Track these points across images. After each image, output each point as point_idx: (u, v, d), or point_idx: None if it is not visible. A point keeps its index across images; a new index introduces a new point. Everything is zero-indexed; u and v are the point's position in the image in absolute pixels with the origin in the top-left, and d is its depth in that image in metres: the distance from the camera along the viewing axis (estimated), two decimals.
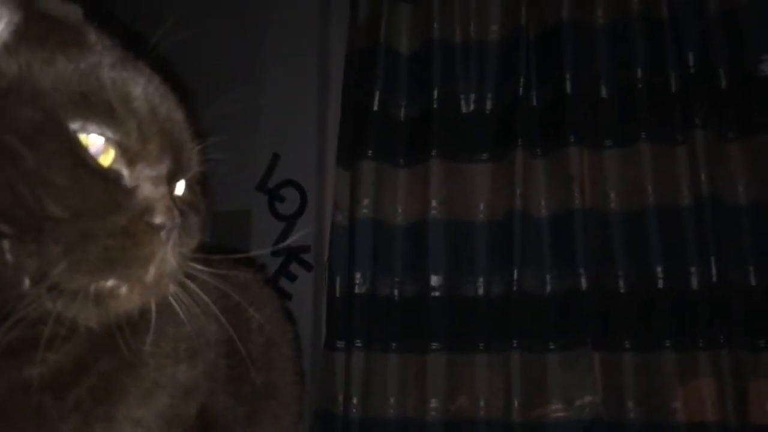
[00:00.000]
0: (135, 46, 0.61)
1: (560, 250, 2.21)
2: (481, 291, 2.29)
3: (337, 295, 2.37)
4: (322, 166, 2.58)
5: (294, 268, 2.42)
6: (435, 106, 2.39)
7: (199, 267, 0.64)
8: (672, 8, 2.20)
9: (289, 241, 2.38)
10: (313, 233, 2.46)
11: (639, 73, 2.21)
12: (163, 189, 0.57)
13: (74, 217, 0.50)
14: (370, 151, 2.41)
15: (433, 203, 2.34)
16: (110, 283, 0.53)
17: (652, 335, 2.08)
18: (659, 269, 2.11)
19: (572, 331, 2.16)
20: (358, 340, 2.30)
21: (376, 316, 2.33)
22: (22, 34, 0.52)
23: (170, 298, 0.60)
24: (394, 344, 2.30)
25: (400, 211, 2.41)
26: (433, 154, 2.36)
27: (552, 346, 2.16)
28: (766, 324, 1.98)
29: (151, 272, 0.55)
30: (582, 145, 2.23)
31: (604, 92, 2.25)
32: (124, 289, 0.54)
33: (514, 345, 2.18)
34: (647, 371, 2.07)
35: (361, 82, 2.48)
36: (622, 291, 2.13)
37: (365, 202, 2.39)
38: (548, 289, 2.20)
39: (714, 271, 2.05)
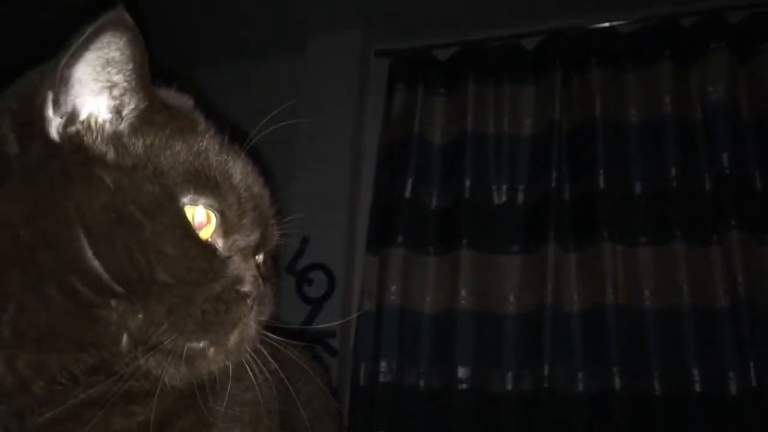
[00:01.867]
0: (232, 133, 0.68)
1: (593, 347, 2.15)
2: (509, 386, 2.23)
3: (361, 383, 2.31)
4: (352, 251, 2.58)
5: (319, 352, 2.37)
6: (466, 196, 2.41)
7: (271, 335, 0.68)
8: (705, 111, 2.24)
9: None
10: (340, 318, 2.43)
11: (672, 171, 2.23)
12: (251, 260, 0.64)
13: (179, 283, 0.56)
14: (400, 238, 2.41)
15: (462, 293, 2.32)
16: (201, 344, 0.58)
17: None
18: (696, 372, 2.04)
19: None
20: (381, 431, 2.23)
21: (400, 406, 2.26)
22: (146, 119, 0.60)
23: (245, 363, 0.64)
24: None
25: (428, 299, 2.38)
26: (464, 243, 2.36)
27: None
28: None
29: (235, 336, 0.60)
30: (615, 240, 2.21)
31: (637, 189, 2.26)
32: (211, 351, 0.59)
33: None
34: None
35: (393, 170, 2.51)
36: (657, 393, 2.06)
37: (393, 289, 2.37)
38: (580, 387, 2.14)
39: (753, 376, 1.98)
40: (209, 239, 0.61)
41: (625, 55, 2.39)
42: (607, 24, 2.45)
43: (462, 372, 2.25)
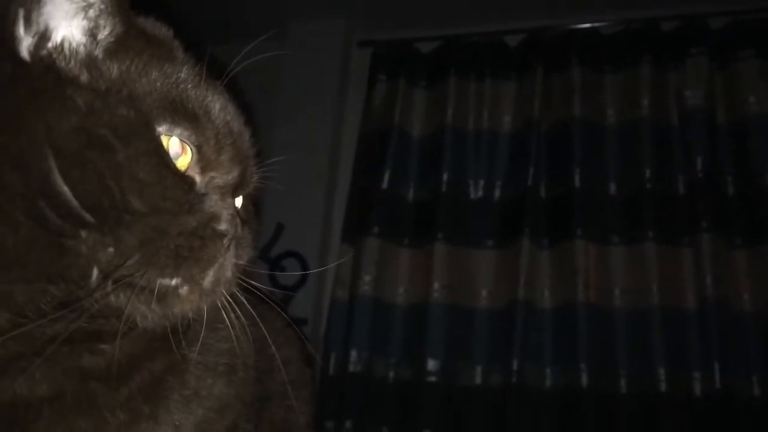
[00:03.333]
0: (212, 68, 0.65)
1: (562, 344, 2.17)
2: (478, 380, 2.23)
3: (331, 372, 2.30)
4: (327, 239, 2.56)
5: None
6: (443, 189, 2.41)
7: (250, 281, 0.66)
8: (682, 115, 2.26)
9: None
10: (312, 306, 2.42)
11: (647, 173, 2.25)
12: (229, 199, 0.61)
13: (152, 212, 0.54)
14: (376, 229, 2.41)
15: (435, 286, 2.32)
16: (173, 281, 0.56)
17: None
18: (662, 372, 2.06)
19: (572, 428, 2.08)
20: (349, 422, 2.22)
21: (369, 397, 2.25)
22: (122, 44, 0.58)
23: (221, 310, 0.62)
24: (385, 429, 2.22)
25: (401, 291, 2.38)
26: (439, 236, 2.36)
27: None
28: None
29: (210, 276, 0.58)
30: (588, 239, 2.23)
31: (612, 189, 2.28)
32: (185, 290, 0.56)
33: None
34: None
35: (372, 161, 2.51)
36: (623, 392, 2.08)
37: (366, 279, 2.37)
38: (548, 383, 2.15)
39: (718, 377, 2.01)
40: (187, 172, 0.59)
41: (606, 56, 2.40)
42: (589, 25, 2.46)
43: (432, 364, 2.26)
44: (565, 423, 2.10)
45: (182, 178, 0.57)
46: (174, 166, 0.57)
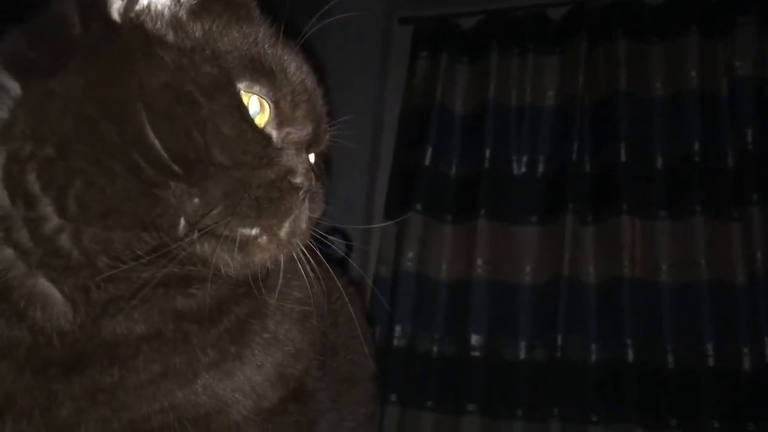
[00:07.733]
0: (287, 29, 0.68)
1: (607, 319, 2.16)
2: (522, 355, 2.24)
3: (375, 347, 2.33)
4: (370, 216, 2.58)
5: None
6: (486, 165, 2.41)
7: (323, 234, 0.70)
8: (731, 86, 2.22)
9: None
10: (356, 282, 2.44)
11: (695, 146, 2.21)
12: (303, 154, 0.64)
13: (235, 165, 0.57)
14: (419, 205, 2.42)
15: (479, 262, 2.32)
16: (253, 231, 0.59)
17: (700, 416, 2.00)
18: (710, 347, 2.05)
19: (616, 404, 2.08)
20: (393, 395, 2.25)
21: (413, 371, 2.28)
22: (204, 6, 0.62)
23: (296, 261, 0.65)
24: (429, 402, 2.24)
25: (444, 267, 2.39)
26: (482, 213, 2.36)
27: (594, 419, 2.09)
28: None
29: (286, 227, 0.61)
30: (634, 214, 2.21)
31: (659, 163, 2.25)
32: (263, 239, 0.60)
33: (554, 413, 2.11)
34: None
35: (414, 138, 2.51)
36: (670, 366, 2.07)
37: (410, 255, 2.39)
38: (593, 358, 2.15)
39: None
40: (264, 129, 0.62)
41: (652, 27, 2.36)
42: None
43: (475, 340, 2.27)
44: (609, 398, 2.10)
45: (260, 133, 0.60)
46: (253, 121, 0.60)
